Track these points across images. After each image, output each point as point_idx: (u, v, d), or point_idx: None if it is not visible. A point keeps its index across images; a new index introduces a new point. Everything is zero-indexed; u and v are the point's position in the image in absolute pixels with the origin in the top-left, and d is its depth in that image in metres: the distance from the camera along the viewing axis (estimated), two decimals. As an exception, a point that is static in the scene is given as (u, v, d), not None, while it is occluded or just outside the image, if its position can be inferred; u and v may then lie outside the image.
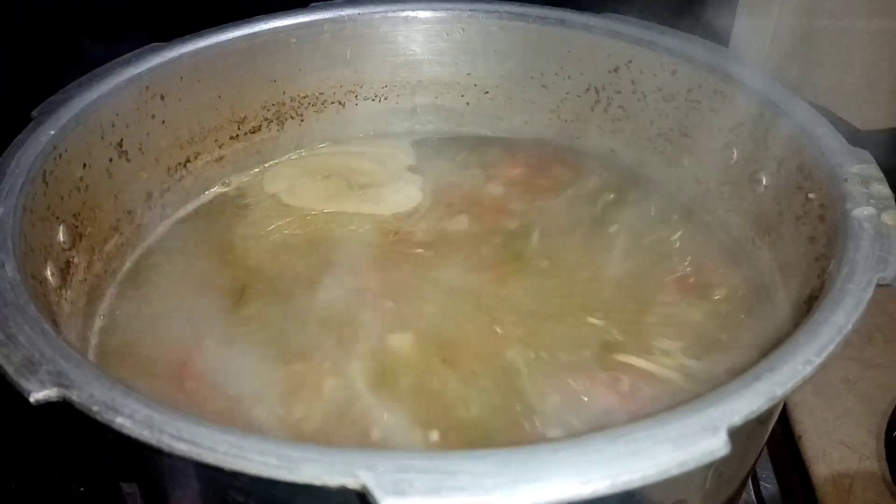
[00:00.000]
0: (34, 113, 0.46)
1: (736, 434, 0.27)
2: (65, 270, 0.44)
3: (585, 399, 0.40)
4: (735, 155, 0.52)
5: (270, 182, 0.60)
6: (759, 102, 0.49)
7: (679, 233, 0.55)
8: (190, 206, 0.57)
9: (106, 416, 0.27)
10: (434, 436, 0.35)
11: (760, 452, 0.41)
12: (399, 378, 0.41)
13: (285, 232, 0.55)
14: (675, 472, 0.25)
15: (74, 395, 0.27)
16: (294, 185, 0.60)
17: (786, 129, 0.47)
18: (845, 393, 0.63)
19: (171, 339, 0.45)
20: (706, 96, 0.54)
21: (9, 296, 0.32)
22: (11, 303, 0.32)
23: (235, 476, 0.27)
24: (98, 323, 0.47)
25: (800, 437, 0.60)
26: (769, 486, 0.59)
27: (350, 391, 0.40)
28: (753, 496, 0.58)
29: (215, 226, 0.55)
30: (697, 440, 0.26)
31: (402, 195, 0.58)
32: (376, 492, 0.24)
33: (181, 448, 0.25)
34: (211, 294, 0.48)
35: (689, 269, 0.52)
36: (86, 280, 0.47)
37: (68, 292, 0.43)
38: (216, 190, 0.59)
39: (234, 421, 0.39)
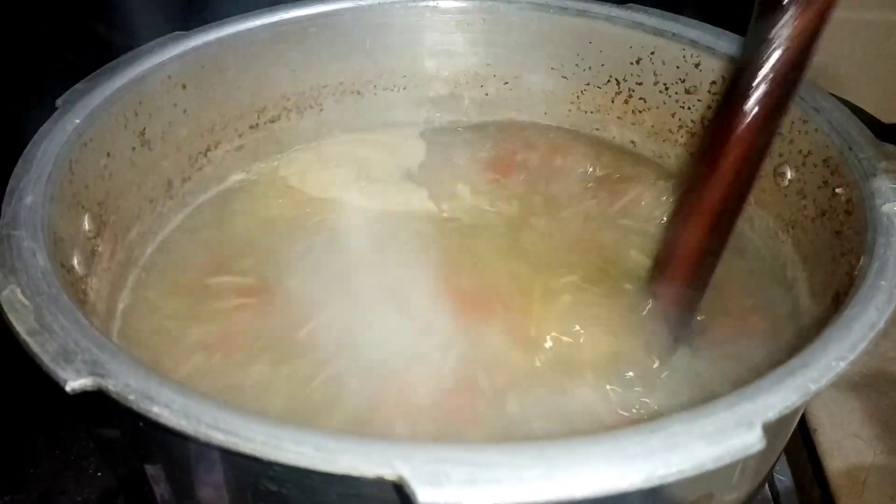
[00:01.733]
0: (59, 102, 0.46)
1: (768, 429, 0.27)
2: (90, 259, 0.44)
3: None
4: (759, 148, 0.52)
5: (285, 167, 0.61)
6: (785, 96, 0.49)
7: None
8: (209, 194, 0.57)
9: (143, 406, 0.27)
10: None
11: (785, 445, 0.41)
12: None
13: (287, 214, 0.55)
14: (710, 466, 0.25)
15: (110, 385, 0.28)
16: (306, 172, 0.60)
17: (812, 122, 0.47)
18: (861, 386, 0.63)
19: (189, 322, 0.45)
20: (730, 89, 0.53)
21: (41, 285, 0.32)
22: (44, 292, 0.32)
23: (270, 465, 0.27)
24: (120, 307, 0.47)
25: (814, 430, 0.60)
26: (784, 479, 0.59)
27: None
28: (768, 489, 0.58)
29: (227, 209, 0.56)
30: (733, 435, 0.26)
31: (406, 196, 0.58)
32: (413, 483, 0.24)
33: (218, 438, 0.26)
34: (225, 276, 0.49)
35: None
36: (109, 268, 0.47)
37: (93, 280, 0.44)
38: (235, 178, 0.59)
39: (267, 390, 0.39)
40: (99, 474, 0.60)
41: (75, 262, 0.41)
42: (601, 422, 0.39)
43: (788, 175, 0.49)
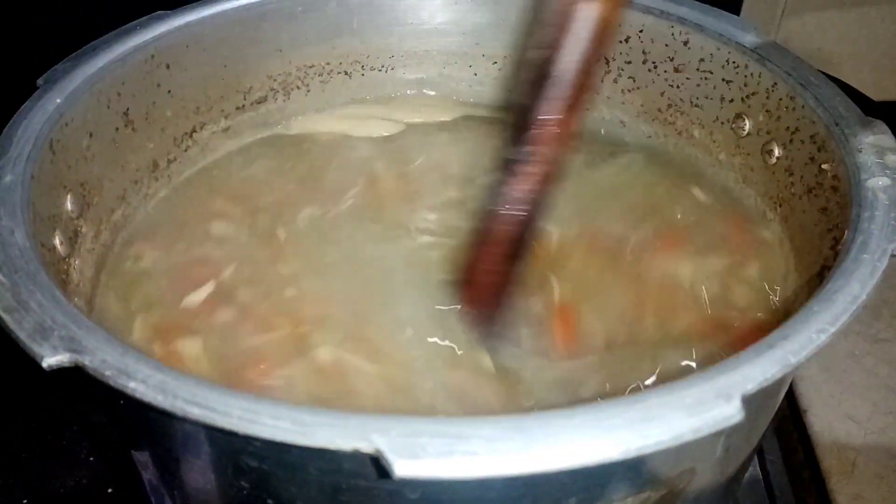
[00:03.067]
0: (39, 81, 0.45)
1: (748, 401, 0.27)
2: (73, 239, 0.43)
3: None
4: (747, 126, 0.52)
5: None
6: (773, 73, 0.49)
7: (687, 204, 0.54)
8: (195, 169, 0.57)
9: (119, 381, 0.27)
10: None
11: (769, 425, 0.41)
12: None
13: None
14: (689, 437, 0.25)
15: (87, 360, 0.27)
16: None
17: (800, 98, 0.47)
18: (852, 367, 0.63)
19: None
20: (718, 66, 0.53)
21: (19, 262, 0.32)
22: (22, 269, 0.32)
23: (249, 441, 0.27)
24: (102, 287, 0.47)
25: (805, 410, 0.60)
26: (774, 459, 0.59)
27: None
28: (758, 469, 0.58)
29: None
30: (711, 407, 0.26)
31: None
32: (389, 455, 0.24)
33: (195, 412, 0.25)
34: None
35: (696, 240, 0.51)
36: (94, 249, 0.46)
37: (76, 261, 0.43)
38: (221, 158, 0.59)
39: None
40: (91, 459, 0.60)
41: (57, 241, 0.40)
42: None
43: (776, 153, 0.49)
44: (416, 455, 0.24)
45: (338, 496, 0.29)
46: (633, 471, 0.29)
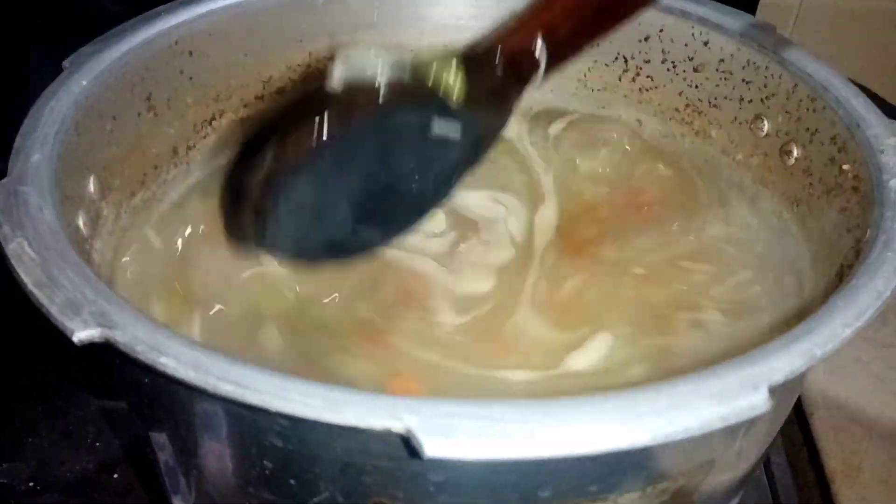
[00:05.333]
0: (65, 63, 0.45)
1: (774, 392, 0.27)
2: (95, 221, 0.44)
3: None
4: (766, 127, 0.52)
5: None
6: (794, 74, 0.49)
7: (702, 202, 0.55)
8: (214, 164, 0.57)
9: (150, 357, 0.27)
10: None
11: (784, 421, 0.41)
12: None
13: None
14: (717, 425, 0.25)
15: (118, 336, 0.28)
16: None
17: (820, 100, 0.47)
18: (858, 373, 0.63)
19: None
20: (738, 67, 0.53)
21: (49, 240, 0.32)
22: (52, 247, 0.32)
23: (276, 419, 0.27)
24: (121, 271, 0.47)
25: (811, 414, 0.60)
26: (779, 461, 0.60)
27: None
28: (763, 474, 0.58)
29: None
30: (739, 396, 0.26)
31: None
32: (420, 435, 0.24)
33: (226, 389, 0.26)
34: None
35: (712, 240, 0.52)
36: (113, 233, 0.47)
37: (98, 243, 0.44)
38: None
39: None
40: (97, 444, 0.61)
41: (80, 222, 0.41)
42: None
43: (795, 153, 0.49)
44: (447, 435, 0.24)
45: (360, 477, 0.29)
46: (654, 459, 0.29)
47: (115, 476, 0.58)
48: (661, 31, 0.58)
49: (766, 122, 0.52)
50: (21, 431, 0.60)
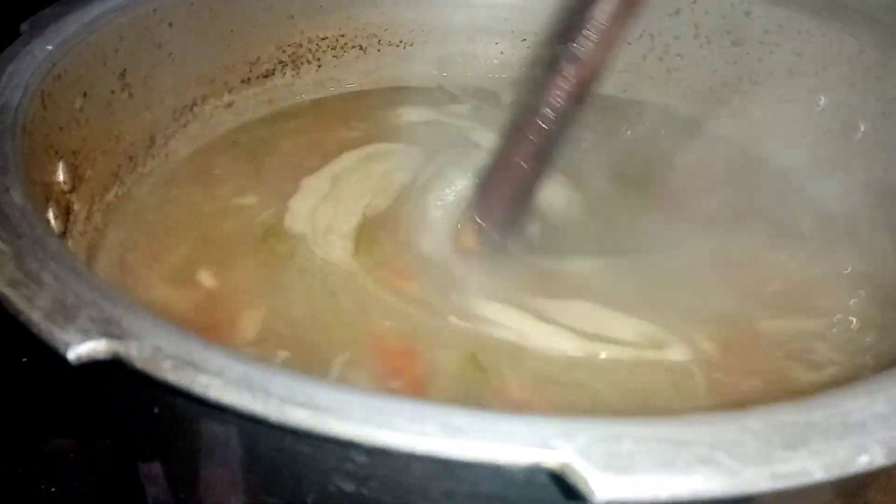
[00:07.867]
0: (24, 26, 0.37)
1: None
2: (66, 217, 0.35)
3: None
4: (822, 102, 0.47)
5: None
6: (860, 41, 0.44)
7: (746, 188, 0.49)
8: (195, 158, 0.49)
9: (182, 377, 0.19)
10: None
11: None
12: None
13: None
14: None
15: (133, 349, 0.20)
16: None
17: (894, 65, 0.42)
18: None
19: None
20: (789, 37, 0.48)
21: (21, 226, 0.24)
22: (26, 234, 0.24)
23: (349, 454, 0.20)
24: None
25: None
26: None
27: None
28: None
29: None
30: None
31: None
32: (584, 468, 0.17)
33: (299, 417, 0.18)
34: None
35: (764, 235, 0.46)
36: (86, 233, 0.39)
37: (70, 242, 0.35)
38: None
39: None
40: (53, 490, 0.51)
41: (51, 215, 0.33)
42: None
43: (862, 129, 0.45)
44: (621, 468, 0.17)
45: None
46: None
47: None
48: (693, 2, 0.52)
49: (822, 96, 0.47)
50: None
